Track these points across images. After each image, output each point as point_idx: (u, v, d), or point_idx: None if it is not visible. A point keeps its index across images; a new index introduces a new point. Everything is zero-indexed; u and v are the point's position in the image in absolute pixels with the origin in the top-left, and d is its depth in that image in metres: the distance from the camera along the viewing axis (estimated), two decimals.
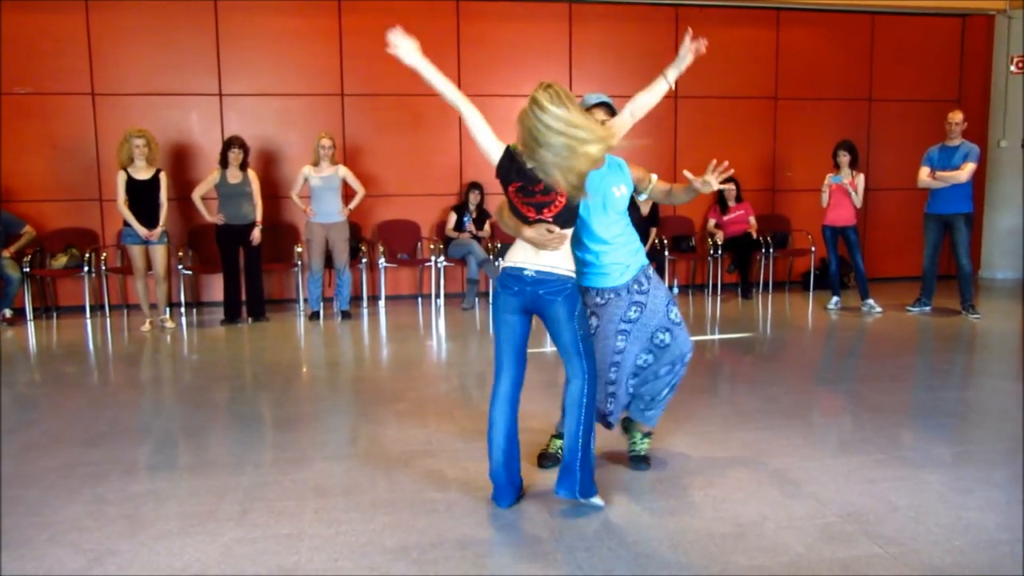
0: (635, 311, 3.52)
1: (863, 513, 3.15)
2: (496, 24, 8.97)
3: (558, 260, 3.23)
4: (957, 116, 7.47)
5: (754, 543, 2.92)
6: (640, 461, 3.70)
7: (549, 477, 3.57)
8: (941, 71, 10.08)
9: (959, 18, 9.98)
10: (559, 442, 3.75)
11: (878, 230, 10.05)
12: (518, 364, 3.44)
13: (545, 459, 3.76)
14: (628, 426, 3.85)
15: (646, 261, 3.70)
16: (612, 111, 3.71)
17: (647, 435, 3.78)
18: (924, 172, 7.54)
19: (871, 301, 7.93)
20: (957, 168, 7.34)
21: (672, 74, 3.62)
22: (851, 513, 3.15)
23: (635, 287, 3.55)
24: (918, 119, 9.77)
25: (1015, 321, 7.73)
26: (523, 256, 3.26)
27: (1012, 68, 9.84)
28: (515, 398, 3.35)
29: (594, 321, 3.54)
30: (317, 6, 8.62)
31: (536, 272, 3.24)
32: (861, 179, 7.93)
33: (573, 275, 3.28)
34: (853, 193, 7.85)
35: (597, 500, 3.24)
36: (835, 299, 8.21)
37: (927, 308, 7.82)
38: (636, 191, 3.73)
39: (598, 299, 3.56)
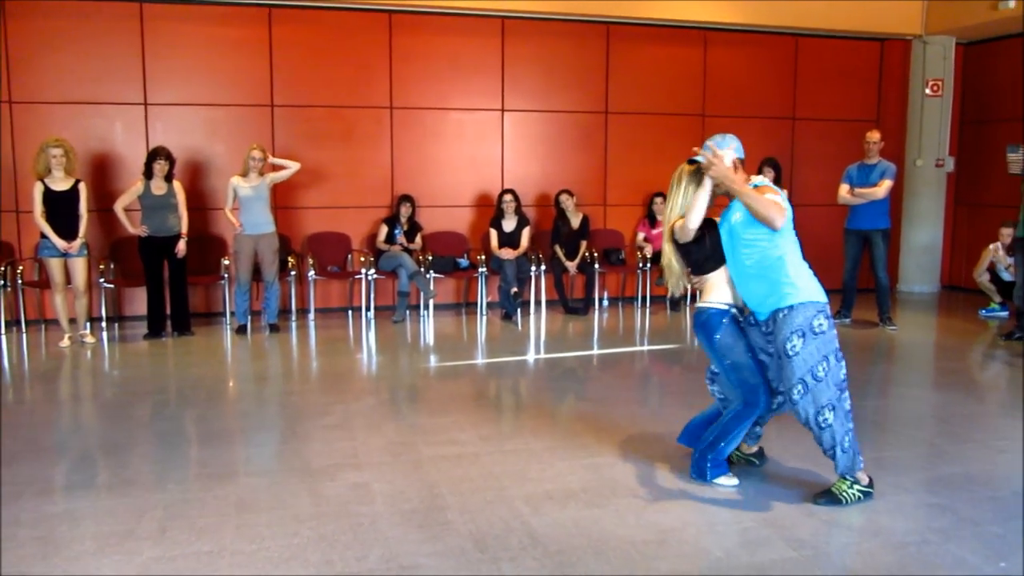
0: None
1: (779, 518, 3.24)
2: (429, 38, 8.98)
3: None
4: (875, 135, 7.74)
5: (675, 549, 2.97)
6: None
7: (477, 495, 3.58)
8: (861, 92, 10.44)
9: (878, 42, 10.35)
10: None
11: (801, 245, 10.31)
12: None
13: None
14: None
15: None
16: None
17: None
18: (844, 189, 7.79)
19: None
20: (875, 185, 7.60)
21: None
22: (768, 518, 3.24)
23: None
24: (839, 138, 10.09)
25: (930, 333, 8.03)
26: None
27: (927, 91, 10.24)
28: None
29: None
30: (246, 16, 8.51)
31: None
32: (785, 195, 8.13)
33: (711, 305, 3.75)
34: None
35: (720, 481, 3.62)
36: None
37: (847, 320, 8.06)
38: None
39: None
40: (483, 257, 8.73)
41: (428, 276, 8.45)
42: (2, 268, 7.75)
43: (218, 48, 8.46)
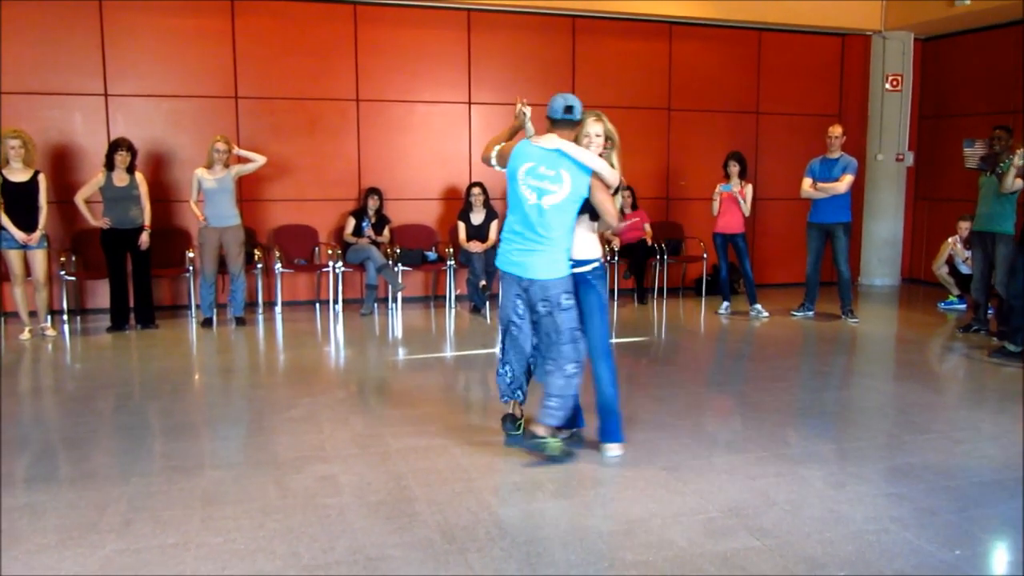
0: None
1: (743, 508, 3.29)
2: (394, 30, 8.94)
3: None
4: (837, 130, 7.85)
5: (641, 539, 3.00)
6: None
7: (444, 486, 3.59)
8: (823, 87, 10.58)
9: (839, 37, 10.49)
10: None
11: (765, 238, 10.44)
12: None
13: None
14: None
15: None
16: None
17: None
18: (806, 183, 7.89)
19: (759, 306, 8.24)
20: (837, 180, 7.71)
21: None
22: (732, 508, 3.29)
23: None
24: (802, 132, 10.21)
25: (891, 325, 8.18)
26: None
27: (887, 86, 10.40)
28: None
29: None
30: (209, 7, 8.41)
31: None
32: (749, 189, 8.24)
33: None
34: (742, 202, 8.14)
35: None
36: (725, 304, 8.49)
37: (810, 313, 8.17)
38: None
39: None
40: (451, 250, 8.73)
41: (396, 269, 8.43)
42: None
43: (180, 39, 8.36)
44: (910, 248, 10.90)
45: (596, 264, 3.94)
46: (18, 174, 6.93)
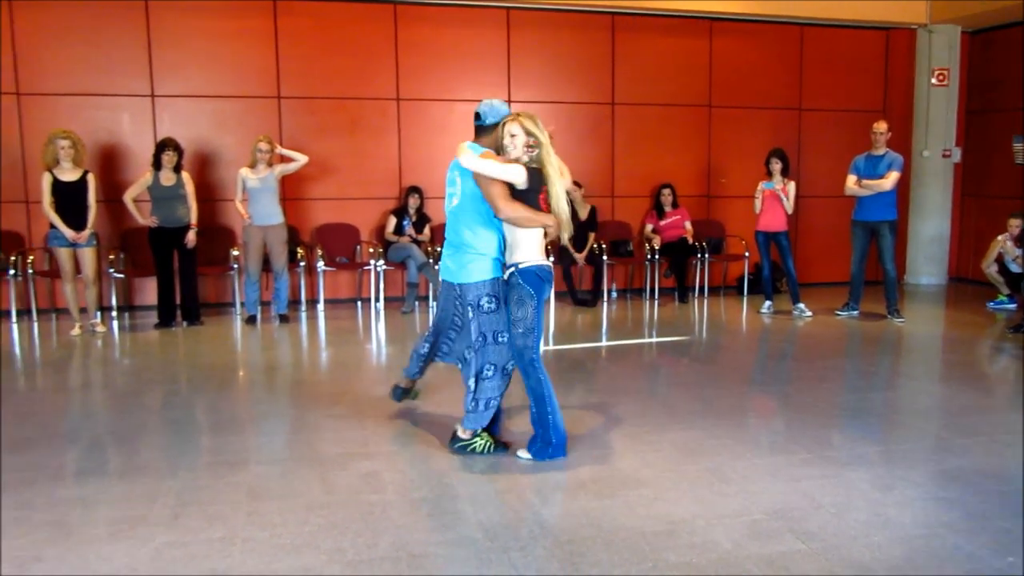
0: None
1: (788, 510, 3.26)
2: (434, 29, 8.98)
3: None
4: (882, 126, 7.72)
5: (684, 540, 2.99)
6: None
7: (486, 485, 3.60)
8: (867, 82, 10.42)
9: (883, 31, 10.32)
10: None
11: (808, 236, 10.32)
12: None
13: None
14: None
15: None
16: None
17: None
18: (851, 180, 7.78)
19: (802, 305, 8.14)
20: (882, 177, 7.59)
21: None
22: (777, 510, 3.25)
23: None
24: (846, 129, 10.07)
25: (938, 325, 8.03)
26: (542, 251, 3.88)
27: (933, 80, 10.20)
28: None
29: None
30: (252, 8, 8.52)
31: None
32: (792, 186, 8.14)
33: None
34: (785, 200, 8.05)
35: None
36: (767, 303, 8.40)
37: (855, 312, 8.06)
38: None
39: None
40: None
41: (437, 267, 8.46)
42: (13, 258, 7.80)
43: (224, 40, 8.48)
44: (957, 246, 10.69)
45: (529, 265, 3.81)
46: (68, 174, 7.08)
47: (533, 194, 3.78)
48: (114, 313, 8.05)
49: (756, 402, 5.19)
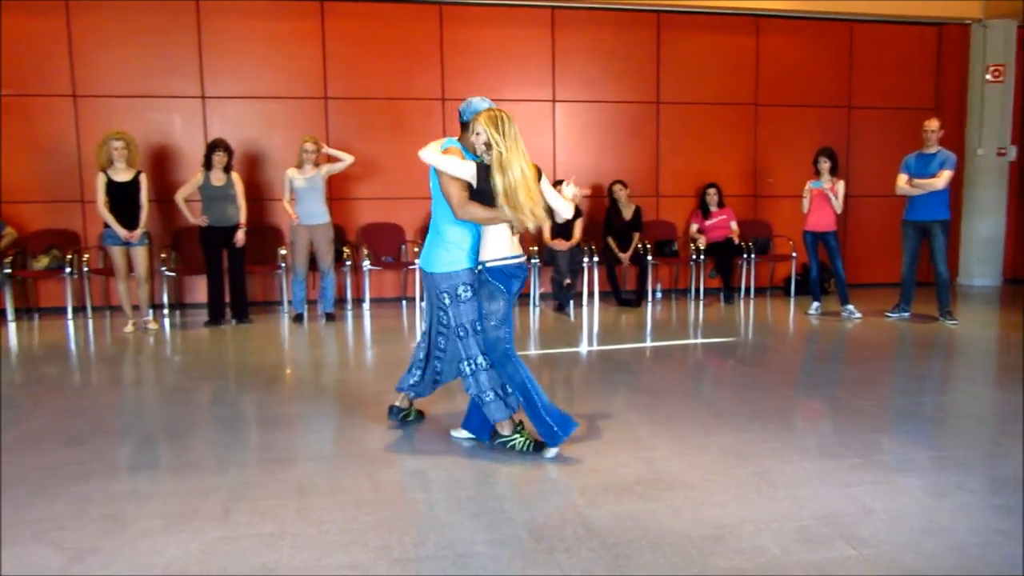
0: None
1: (839, 516, 3.21)
2: (479, 29, 9.02)
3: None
4: (934, 124, 7.57)
5: (732, 545, 2.96)
6: None
7: (532, 485, 3.61)
8: (919, 79, 10.22)
9: (935, 27, 10.12)
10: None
11: (858, 236, 10.16)
12: None
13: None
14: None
15: None
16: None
17: None
18: (902, 179, 7.64)
19: (851, 307, 8.02)
20: (934, 176, 7.44)
21: None
22: (827, 516, 3.21)
23: None
24: (896, 126, 9.90)
25: (992, 328, 7.84)
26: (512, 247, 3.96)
27: (988, 76, 9.98)
28: None
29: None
30: (300, 9, 8.63)
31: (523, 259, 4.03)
32: (841, 185, 8.02)
33: None
34: (834, 199, 7.93)
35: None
36: (816, 304, 8.29)
37: (906, 314, 7.91)
38: None
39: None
40: (536, 248, 8.75)
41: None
42: (69, 256, 8.00)
43: (272, 42, 8.61)
44: (1012, 247, 10.45)
45: (503, 262, 3.93)
46: (121, 174, 7.24)
47: (489, 193, 3.83)
48: (166, 311, 8.23)
49: (804, 405, 5.12)
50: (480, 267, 3.94)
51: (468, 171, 3.84)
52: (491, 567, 2.81)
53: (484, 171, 3.83)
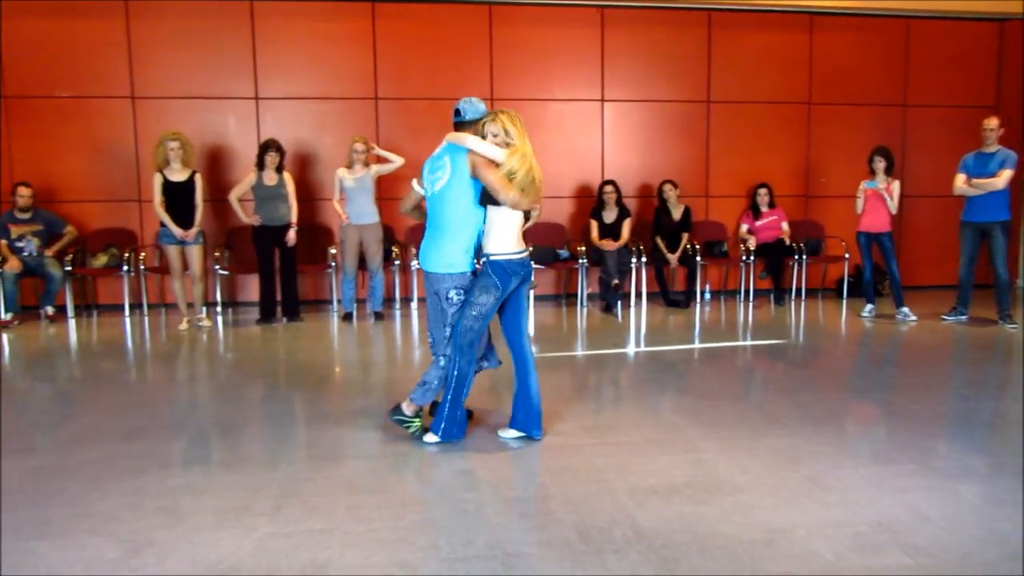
0: None
1: (894, 523, 3.14)
2: (528, 28, 9.02)
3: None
4: (993, 122, 7.37)
5: (784, 550, 2.92)
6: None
7: (580, 486, 3.60)
8: (978, 76, 9.97)
9: (996, 23, 9.85)
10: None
11: (913, 237, 9.94)
12: None
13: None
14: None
15: None
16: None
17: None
18: (960, 179, 7.46)
19: (906, 309, 7.85)
20: (994, 175, 7.25)
21: None
22: (882, 522, 3.14)
23: None
24: (954, 125, 9.66)
25: None
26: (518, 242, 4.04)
27: None
28: None
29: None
30: (351, 10, 8.72)
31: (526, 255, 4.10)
32: (897, 185, 7.86)
33: None
34: (889, 199, 7.78)
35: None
36: (869, 307, 8.14)
37: (963, 317, 7.73)
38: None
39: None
40: (583, 248, 8.73)
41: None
42: (126, 254, 8.19)
43: (324, 43, 8.71)
44: None
45: (508, 257, 3.99)
46: (177, 174, 7.39)
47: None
48: (219, 308, 8.37)
49: (857, 409, 5.03)
50: (484, 259, 4.01)
51: (499, 153, 3.93)
52: (540, 568, 2.81)
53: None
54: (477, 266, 4.09)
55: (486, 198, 3.96)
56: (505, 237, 3.99)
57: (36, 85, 8.34)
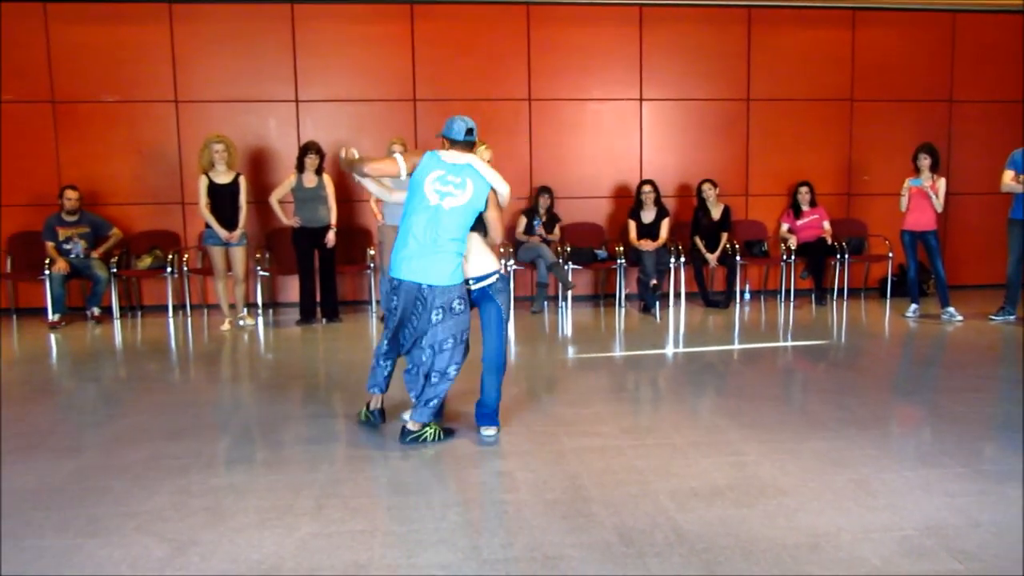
0: None
1: (943, 527, 3.08)
2: (565, 28, 8.99)
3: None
4: None
5: (829, 555, 2.87)
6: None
7: (620, 488, 3.58)
8: None
9: None
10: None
11: (959, 235, 9.75)
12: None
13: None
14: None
15: None
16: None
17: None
18: (1008, 176, 7.30)
19: (952, 309, 7.70)
20: None
21: None
22: (930, 527, 3.08)
23: None
24: (1002, 121, 9.46)
25: None
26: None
27: None
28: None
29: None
30: (390, 12, 8.77)
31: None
32: (942, 183, 7.71)
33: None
34: (934, 197, 7.64)
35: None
36: (913, 307, 7.99)
37: (1011, 317, 7.55)
38: None
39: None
40: (621, 248, 8.69)
41: (567, 267, 8.48)
42: (170, 256, 8.32)
43: (363, 45, 8.77)
44: None
45: (495, 277, 4.27)
46: (222, 176, 7.49)
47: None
48: (259, 309, 8.46)
49: (902, 411, 4.94)
50: (494, 279, 4.27)
51: (508, 199, 4.38)
52: (580, 570, 2.80)
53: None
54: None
55: (476, 225, 4.25)
56: (491, 255, 4.33)
57: (84, 90, 8.51)
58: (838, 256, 9.08)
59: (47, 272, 7.85)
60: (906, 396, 5.31)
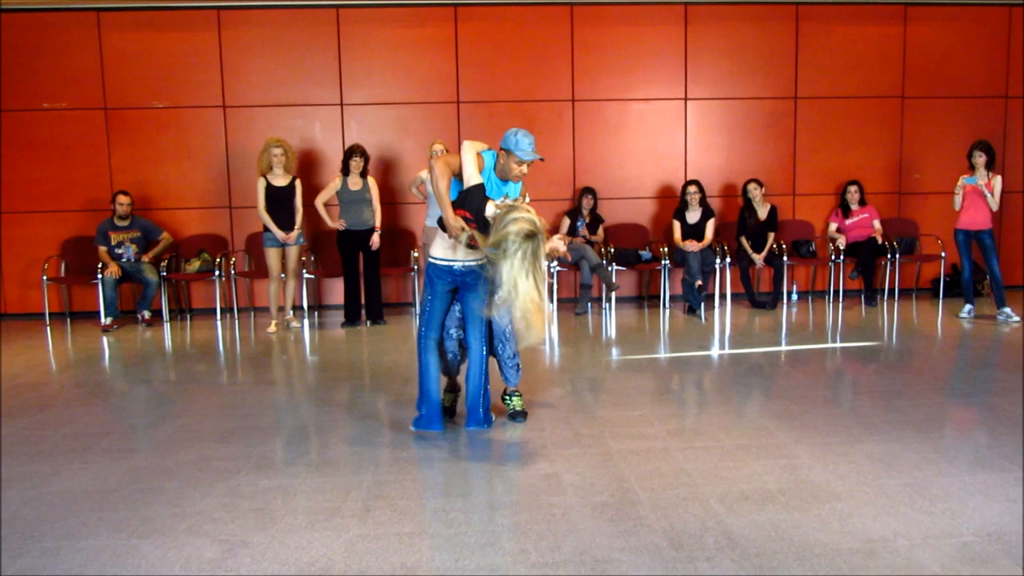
0: None
1: (1005, 533, 2.99)
2: (609, 28, 8.94)
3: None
4: None
5: (886, 561, 2.80)
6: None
7: (669, 491, 3.53)
8: None
9: None
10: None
11: (1015, 235, 9.49)
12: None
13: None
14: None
15: None
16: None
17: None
18: None
19: (1008, 310, 7.50)
20: None
21: None
22: (991, 533, 2.99)
23: None
24: None
25: None
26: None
27: None
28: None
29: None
30: (434, 15, 8.80)
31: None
32: (998, 181, 7.52)
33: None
34: (989, 195, 7.45)
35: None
36: (968, 307, 7.80)
37: None
38: None
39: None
40: (666, 249, 8.61)
41: (610, 268, 8.43)
42: (218, 259, 8.44)
43: (407, 48, 8.81)
44: None
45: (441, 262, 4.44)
46: (280, 179, 7.60)
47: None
48: (305, 312, 8.54)
49: (957, 414, 4.82)
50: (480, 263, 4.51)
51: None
52: (630, 574, 2.76)
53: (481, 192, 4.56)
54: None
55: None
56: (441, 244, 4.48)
57: (135, 97, 8.68)
58: (889, 256, 8.90)
59: (100, 276, 8.01)
60: (962, 398, 5.18)
